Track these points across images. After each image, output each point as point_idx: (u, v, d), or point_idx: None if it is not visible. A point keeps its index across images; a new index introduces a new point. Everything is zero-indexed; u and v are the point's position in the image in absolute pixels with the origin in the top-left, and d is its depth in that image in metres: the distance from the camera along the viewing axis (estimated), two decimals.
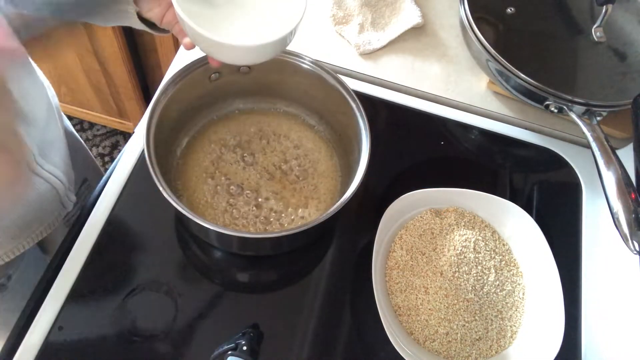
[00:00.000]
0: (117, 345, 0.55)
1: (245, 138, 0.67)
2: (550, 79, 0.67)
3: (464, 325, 0.56)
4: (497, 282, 0.59)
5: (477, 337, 0.56)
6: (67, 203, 0.67)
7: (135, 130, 0.70)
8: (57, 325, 0.55)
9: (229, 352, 0.52)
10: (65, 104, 1.49)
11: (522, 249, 0.62)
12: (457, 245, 0.59)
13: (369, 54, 0.79)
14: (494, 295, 0.58)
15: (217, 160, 0.65)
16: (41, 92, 0.62)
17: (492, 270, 0.59)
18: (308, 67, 0.61)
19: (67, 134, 0.75)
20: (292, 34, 0.50)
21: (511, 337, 0.57)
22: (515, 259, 0.62)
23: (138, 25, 0.54)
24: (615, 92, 0.68)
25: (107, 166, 1.63)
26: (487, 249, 0.60)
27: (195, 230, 0.61)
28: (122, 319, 0.56)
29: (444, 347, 0.56)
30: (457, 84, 0.79)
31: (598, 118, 0.66)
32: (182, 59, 0.76)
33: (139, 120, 0.68)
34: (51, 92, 0.70)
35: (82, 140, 0.84)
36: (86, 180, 0.80)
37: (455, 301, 0.56)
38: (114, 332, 0.56)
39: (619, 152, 0.60)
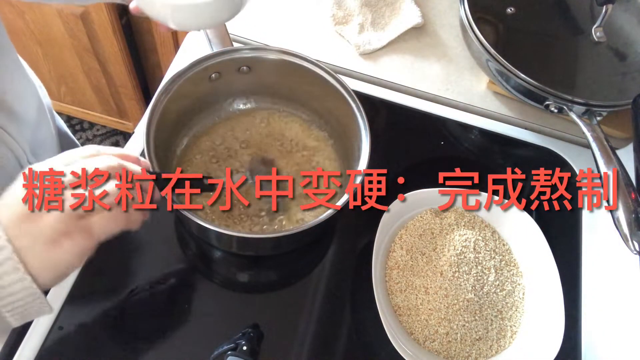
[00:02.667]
0: (117, 345, 0.55)
1: (245, 138, 0.67)
2: (550, 79, 0.67)
3: (464, 325, 0.56)
4: (497, 282, 0.59)
5: (477, 337, 0.56)
6: None
7: (135, 130, 0.70)
8: (57, 325, 0.55)
9: (229, 352, 0.52)
10: (65, 104, 1.49)
11: (522, 249, 0.62)
12: (457, 245, 0.59)
13: (369, 54, 0.79)
14: (494, 295, 0.58)
15: (217, 160, 0.65)
16: (32, 92, 0.62)
17: (492, 270, 0.59)
18: (308, 67, 0.61)
19: (61, 134, 0.74)
20: None
21: (511, 337, 0.57)
22: (515, 259, 0.62)
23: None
24: (615, 92, 0.68)
25: None
26: (487, 249, 0.60)
27: (195, 230, 0.61)
28: (122, 319, 0.56)
29: (444, 347, 0.56)
30: (457, 84, 0.79)
31: (598, 118, 0.66)
32: (182, 59, 0.76)
33: (139, 120, 0.68)
34: (43, 91, 0.69)
35: (77, 142, 0.83)
36: None
37: (455, 301, 0.56)
38: (114, 332, 0.56)
39: (619, 152, 0.60)
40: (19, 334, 0.54)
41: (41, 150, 0.61)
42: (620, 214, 0.55)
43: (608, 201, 0.56)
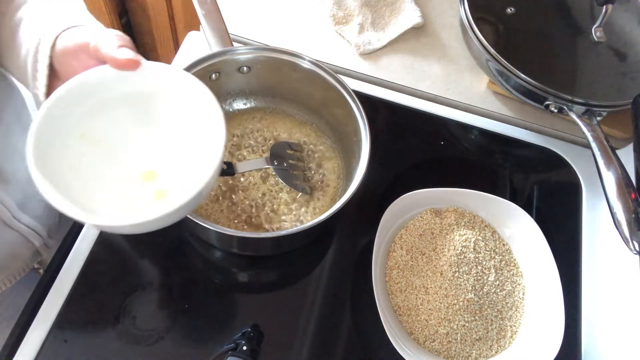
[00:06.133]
0: (117, 345, 0.55)
1: (245, 138, 0.67)
2: (550, 79, 0.67)
3: (464, 325, 0.56)
4: (497, 282, 0.59)
5: (477, 337, 0.56)
6: (44, 250, 0.65)
7: None
8: (57, 325, 0.55)
9: (229, 353, 0.52)
10: None
11: (522, 249, 0.62)
12: (457, 245, 0.59)
13: (369, 54, 0.79)
14: (494, 295, 0.58)
15: None
16: None
17: (492, 270, 0.59)
18: (308, 67, 0.61)
19: None
20: (200, 195, 0.38)
21: (511, 337, 0.57)
22: (515, 259, 0.62)
23: None
24: (615, 92, 0.68)
25: None
26: (487, 249, 0.60)
27: (195, 230, 0.61)
28: (122, 319, 0.56)
29: (444, 347, 0.56)
30: (457, 84, 0.79)
31: (598, 118, 0.66)
32: (182, 59, 0.76)
33: None
34: None
35: None
36: None
37: (455, 301, 0.56)
38: (114, 332, 0.56)
39: (619, 152, 0.60)
40: (19, 334, 0.55)
41: (31, 204, 0.60)
42: (620, 214, 0.55)
43: (608, 201, 0.56)
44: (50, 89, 0.43)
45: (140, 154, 0.45)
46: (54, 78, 0.43)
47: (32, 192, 0.60)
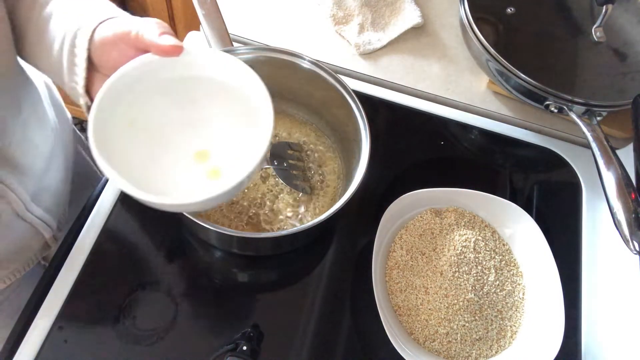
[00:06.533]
0: (117, 345, 0.55)
1: None
2: (550, 79, 0.67)
3: (464, 325, 0.56)
4: (497, 282, 0.59)
5: (477, 337, 0.56)
6: (53, 242, 0.65)
7: None
8: (57, 325, 0.55)
9: (229, 353, 0.53)
10: (67, 104, 1.49)
11: (522, 249, 0.62)
12: (457, 245, 0.59)
13: (369, 54, 0.79)
14: (494, 295, 0.58)
15: None
16: (46, 137, 0.61)
17: (492, 270, 0.59)
18: (308, 67, 0.61)
19: (78, 160, 0.74)
20: (242, 183, 0.40)
21: (511, 337, 0.57)
22: (515, 259, 0.62)
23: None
24: (615, 92, 0.68)
25: None
26: (487, 249, 0.60)
27: (195, 230, 0.61)
28: (122, 319, 0.56)
29: (444, 347, 0.56)
30: (457, 84, 0.79)
31: (598, 118, 0.66)
32: None
33: None
34: (69, 126, 0.69)
35: (92, 164, 0.83)
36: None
37: (455, 301, 0.56)
38: (114, 332, 0.56)
39: (619, 152, 0.60)
40: (19, 334, 0.55)
41: (44, 196, 0.61)
42: (620, 214, 0.55)
43: (608, 201, 0.56)
44: (88, 82, 0.43)
45: (189, 136, 0.46)
46: (92, 71, 0.44)
47: (45, 185, 0.61)
